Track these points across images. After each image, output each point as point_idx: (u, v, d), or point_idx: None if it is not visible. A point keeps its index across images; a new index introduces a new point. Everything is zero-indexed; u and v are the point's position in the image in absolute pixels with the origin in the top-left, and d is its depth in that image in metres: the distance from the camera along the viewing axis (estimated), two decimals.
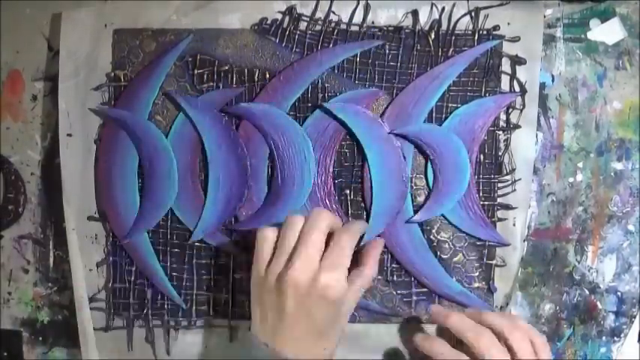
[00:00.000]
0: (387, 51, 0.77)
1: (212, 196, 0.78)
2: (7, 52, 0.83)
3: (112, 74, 0.79)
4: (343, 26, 0.78)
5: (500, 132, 0.77)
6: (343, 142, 0.78)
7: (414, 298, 0.78)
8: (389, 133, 0.77)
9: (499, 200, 0.78)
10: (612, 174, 0.79)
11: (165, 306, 0.80)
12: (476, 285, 0.78)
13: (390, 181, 0.77)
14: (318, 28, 0.78)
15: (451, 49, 0.77)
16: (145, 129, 0.78)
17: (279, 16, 0.78)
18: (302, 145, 0.77)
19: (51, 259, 0.84)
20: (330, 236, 0.67)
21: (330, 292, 0.64)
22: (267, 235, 0.67)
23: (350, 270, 0.67)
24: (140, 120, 0.78)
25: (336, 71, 0.78)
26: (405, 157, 0.77)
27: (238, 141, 0.78)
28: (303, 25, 0.78)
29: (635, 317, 0.80)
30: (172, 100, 0.78)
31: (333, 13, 0.78)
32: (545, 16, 0.77)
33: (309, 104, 0.78)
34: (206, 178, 0.79)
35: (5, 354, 0.84)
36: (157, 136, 0.78)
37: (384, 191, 0.77)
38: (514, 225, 0.78)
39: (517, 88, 0.77)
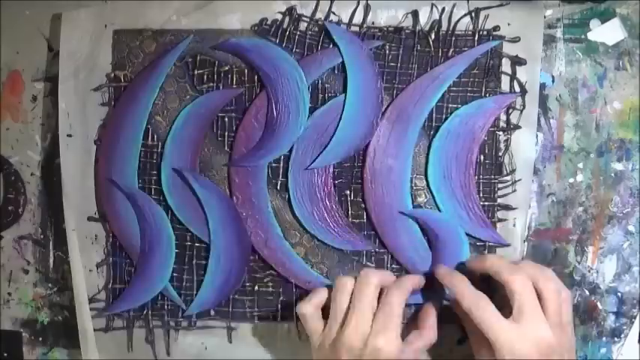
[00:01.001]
0: (387, 51, 0.77)
1: (210, 277, 0.79)
2: (7, 52, 0.83)
3: (112, 75, 0.79)
4: (343, 27, 0.78)
5: (501, 132, 0.77)
6: None
7: None
8: (400, 212, 0.78)
9: (499, 201, 0.78)
10: (612, 175, 0.79)
11: (165, 306, 0.80)
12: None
13: (361, 116, 0.77)
14: (318, 28, 0.78)
15: (451, 50, 0.77)
16: (152, 210, 0.79)
17: (279, 17, 0.78)
18: (294, 75, 0.77)
19: (51, 260, 0.84)
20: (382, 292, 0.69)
21: (382, 355, 0.65)
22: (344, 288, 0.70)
23: (411, 328, 0.72)
24: (150, 201, 0.79)
25: (336, 72, 0.78)
26: (382, 102, 0.77)
27: (242, 224, 0.78)
28: (303, 26, 0.78)
29: (635, 318, 0.80)
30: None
31: (334, 13, 0.78)
32: (545, 17, 0.77)
33: (309, 105, 0.78)
34: (207, 258, 0.80)
35: (5, 355, 0.84)
36: (162, 222, 0.79)
37: (351, 122, 0.77)
38: (514, 226, 0.78)
39: (517, 89, 0.77)
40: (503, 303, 0.68)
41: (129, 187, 0.78)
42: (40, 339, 0.85)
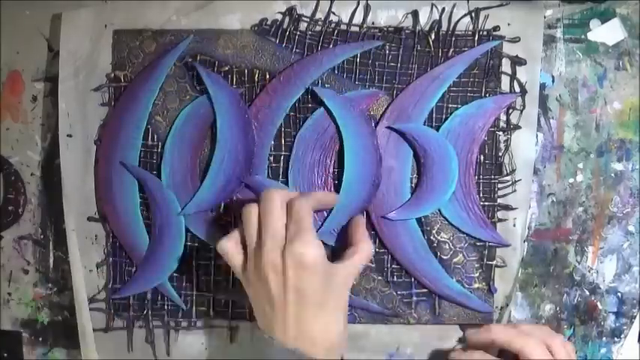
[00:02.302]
0: (387, 52, 0.77)
1: (212, 175, 0.78)
2: (7, 52, 0.83)
3: (112, 75, 0.79)
4: (343, 27, 0.78)
5: (501, 132, 0.77)
6: None
7: (414, 298, 0.78)
8: (387, 127, 0.77)
9: (499, 201, 0.78)
10: (612, 175, 0.79)
11: (165, 307, 0.80)
12: (476, 286, 0.78)
13: (360, 176, 0.77)
14: (318, 28, 0.78)
15: (451, 50, 0.77)
16: (163, 193, 0.79)
17: (279, 17, 0.78)
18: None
19: (51, 260, 0.84)
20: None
21: (305, 259, 0.64)
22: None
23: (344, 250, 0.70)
24: (160, 185, 0.79)
25: (336, 72, 0.78)
26: (381, 159, 0.77)
27: (251, 126, 0.78)
28: (303, 26, 0.78)
29: (635, 318, 0.80)
30: (193, 77, 0.79)
31: (333, 13, 0.78)
32: (545, 17, 0.77)
33: (310, 105, 0.78)
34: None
35: (5, 355, 0.84)
36: (172, 208, 0.79)
37: (352, 185, 0.77)
38: (514, 226, 0.78)
39: (517, 89, 0.77)
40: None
41: (138, 171, 0.79)
42: (40, 339, 0.85)
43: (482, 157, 0.77)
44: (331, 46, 0.78)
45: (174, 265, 0.79)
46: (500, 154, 0.77)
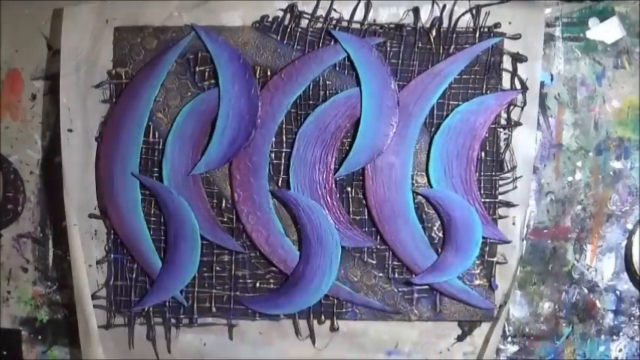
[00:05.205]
0: (388, 48, 0.78)
1: (219, 132, 0.78)
2: (6, 51, 0.82)
3: (113, 71, 0.79)
4: (344, 24, 0.78)
5: (502, 129, 0.78)
6: (344, 140, 0.78)
7: (416, 295, 0.79)
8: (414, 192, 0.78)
9: (500, 198, 0.78)
10: (611, 173, 0.80)
11: (167, 303, 0.80)
12: (477, 282, 0.78)
13: (379, 118, 0.77)
14: (319, 25, 0.78)
15: (452, 47, 0.77)
16: (175, 202, 0.79)
17: (281, 14, 0.78)
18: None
19: (50, 258, 0.83)
20: None
21: None
22: None
23: None
24: (171, 194, 0.79)
25: (337, 69, 0.78)
26: (398, 102, 0.77)
27: (252, 82, 0.77)
28: (304, 23, 0.78)
29: (633, 316, 0.80)
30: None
31: (335, 10, 0.78)
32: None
33: (311, 102, 0.78)
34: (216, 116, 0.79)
35: (5, 353, 0.84)
36: (186, 213, 0.79)
37: (370, 126, 0.77)
38: (513, 224, 0.78)
39: (518, 86, 0.77)
40: None
41: (149, 181, 0.79)
42: (40, 337, 0.84)
43: (483, 154, 0.78)
44: (332, 43, 0.78)
45: (192, 271, 0.79)
46: (501, 150, 0.78)
